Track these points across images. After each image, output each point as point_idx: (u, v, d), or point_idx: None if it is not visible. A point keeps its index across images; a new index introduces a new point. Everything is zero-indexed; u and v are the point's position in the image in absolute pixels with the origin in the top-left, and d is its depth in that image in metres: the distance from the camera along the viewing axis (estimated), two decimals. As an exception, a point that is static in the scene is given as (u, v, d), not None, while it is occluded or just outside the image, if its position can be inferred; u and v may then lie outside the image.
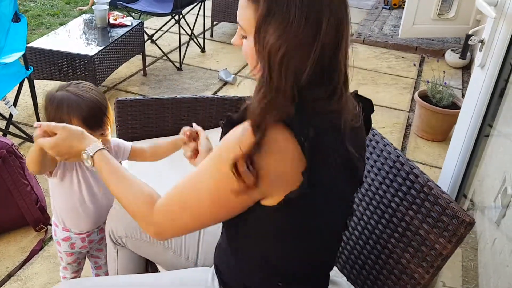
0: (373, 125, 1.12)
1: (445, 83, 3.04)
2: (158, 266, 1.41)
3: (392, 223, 1.25)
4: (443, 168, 1.82)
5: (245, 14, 0.87)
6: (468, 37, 2.04)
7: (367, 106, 1.05)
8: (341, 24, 0.85)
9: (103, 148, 1.10)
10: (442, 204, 1.12)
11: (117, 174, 1.05)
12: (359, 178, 1.03)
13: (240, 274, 1.08)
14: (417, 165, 1.24)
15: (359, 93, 1.05)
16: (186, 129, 1.30)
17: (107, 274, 1.59)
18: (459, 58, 3.93)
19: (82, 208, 1.43)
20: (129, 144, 1.48)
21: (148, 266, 1.45)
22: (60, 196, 1.43)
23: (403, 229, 1.21)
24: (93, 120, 1.31)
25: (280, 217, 0.92)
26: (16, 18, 2.46)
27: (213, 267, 1.19)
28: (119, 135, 1.91)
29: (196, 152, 1.30)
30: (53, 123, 1.14)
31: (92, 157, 1.08)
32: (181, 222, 0.95)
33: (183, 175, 0.96)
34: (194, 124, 1.33)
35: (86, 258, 1.65)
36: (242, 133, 0.85)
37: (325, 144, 0.87)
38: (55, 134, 1.12)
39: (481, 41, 1.44)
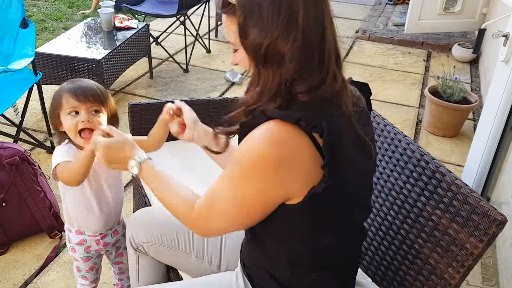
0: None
1: (456, 78, 3.01)
2: (180, 272, 1.40)
3: (418, 223, 1.23)
4: (465, 169, 1.79)
5: (230, 29, 0.93)
6: (481, 31, 2.02)
7: (364, 90, 1.08)
8: (321, 11, 0.89)
9: (150, 159, 1.15)
10: (471, 203, 1.09)
11: (163, 181, 1.11)
12: (373, 157, 1.04)
13: (268, 267, 1.08)
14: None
15: None
16: (167, 108, 1.31)
17: (129, 278, 1.57)
18: (472, 53, 3.91)
19: (94, 208, 1.43)
20: (128, 136, 1.46)
21: (170, 273, 1.44)
22: (73, 199, 1.42)
23: (431, 229, 1.19)
24: (82, 93, 1.32)
25: (306, 212, 0.93)
26: (24, 24, 2.45)
27: (237, 268, 1.18)
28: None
29: (183, 127, 1.31)
30: (113, 127, 1.23)
31: (140, 164, 1.13)
32: (214, 225, 1.01)
33: (195, 175, 0.98)
34: (176, 101, 1.34)
35: (111, 266, 1.63)
36: (263, 148, 0.87)
37: (337, 130, 0.89)
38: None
39: (505, 36, 1.41)
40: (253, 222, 0.98)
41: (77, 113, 1.31)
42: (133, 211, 1.55)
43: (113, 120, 1.41)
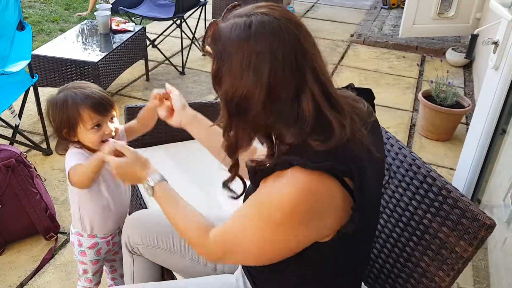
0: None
1: (449, 82, 3.04)
2: (175, 274, 1.41)
3: (410, 226, 1.25)
4: (456, 173, 1.82)
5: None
6: (474, 37, 2.05)
7: (367, 95, 1.11)
8: (296, 67, 0.87)
9: (163, 179, 1.16)
10: (461, 207, 1.12)
11: (176, 205, 1.12)
12: (385, 174, 1.09)
13: (277, 282, 1.08)
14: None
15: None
16: (155, 93, 1.32)
17: (122, 277, 1.59)
18: (465, 58, 3.94)
19: (110, 207, 1.45)
20: (121, 127, 1.49)
21: (164, 274, 1.45)
22: (91, 202, 1.43)
23: (422, 232, 1.21)
24: (102, 106, 1.32)
25: (332, 247, 0.95)
26: (21, 26, 2.46)
27: (236, 271, 1.20)
28: (129, 142, 1.91)
29: (171, 111, 1.32)
30: (125, 145, 1.24)
31: (152, 187, 1.15)
32: (230, 260, 1.04)
33: (191, 178, 1.00)
34: (167, 85, 1.35)
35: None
36: (295, 199, 0.87)
37: (363, 170, 0.90)
38: (122, 154, 1.21)
39: (495, 43, 1.44)
40: (272, 262, 0.98)
41: (98, 125, 1.32)
42: (129, 213, 1.56)
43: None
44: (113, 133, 1.36)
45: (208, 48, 0.92)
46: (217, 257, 1.02)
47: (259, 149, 1.16)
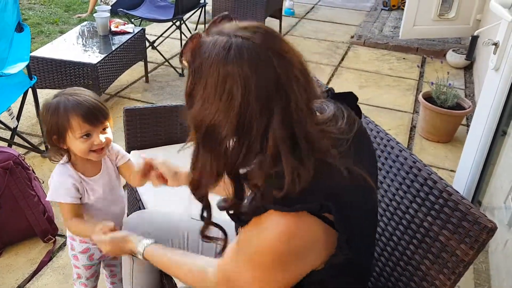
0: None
1: (450, 84, 3.03)
2: (173, 277, 1.40)
3: (410, 229, 1.24)
4: (457, 175, 1.81)
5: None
6: (474, 38, 2.03)
7: (349, 99, 1.04)
8: (267, 103, 0.81)
9: (148, 245, 1.21)
10: (462, 210, 1.10)
11: (169, 262, 1.16)
12: (377, 186, 1.06)
13: None
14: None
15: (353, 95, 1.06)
16: (135, 173, 1.34)
17: (121, 281, 1.58)
18: (465, 59, 3.93)
19: (100, 217, 1.41)
20: (127, 156, 1.48)
21: (163, 278, 1.44)
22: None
23: (422, 236, 1.20)
24: (93, 115, 1.29)
25: (328, 271, 0.94)
26: (20, 28, 2.45)
27: None
28: (128, 144, 1.90)
29: (162, 178, 1.32)
30: (99, 239, 1.27)
31: (143, 255, 1.21)
32: None
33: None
34: (142, 156, 1.34)
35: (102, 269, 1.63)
36: (277, 245, 0.86)
37: (344, 199, 0.88)
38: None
39: (495, 44, 1.43)
40: None
41: (88, 135, 1.30)
42: (127, 215, 1.55)
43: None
44: (104, 145, 1.33)
45: (185, 62, 0.87)
46: None
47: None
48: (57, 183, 1.36)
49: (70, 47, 3.24)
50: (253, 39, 0.82)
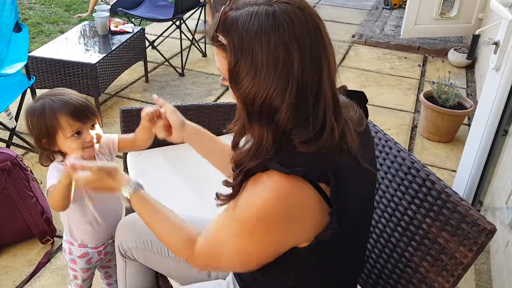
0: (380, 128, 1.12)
1: (451, 83, 3.01)
2: (169, 279, 1.38)
3: (409, 231, 1.22)
4: (458, 174, 1.79)
5: (220, 60, 0.87)
6: (475, 37, 2.01)
7: (360, 98, 1.05)
8: (319, 61, 0.83)
9: (138, 188, 1.11)
10: (461, 212, 1.09)
11: (156, 216, 1.08)
12: (376, 183, 1.05)
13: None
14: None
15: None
16: (144, 115, 1.25)
17: (117, 283, 1.57)
18: (467, 58, 3.90)
19: (99, 221, 1.42)
20: (115, 137, 1.45)
21: (159, 280, 1.42)
22: (78, 218, 1.41)
23: (421, 237, 1.18)
24: (81, 112, 1.27)
25: (315, 253, 0.92)
26: (18, 28, 2.44)
27: (228, 277, 1.18)
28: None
29: (169, 128, 1.25)
30: (84, 162, 1.14)
31: (129, 199, 1.10)
32: (215, 267, 1.04)
33: (188, 180, 0.96)
34: (154, 96, 1.29)
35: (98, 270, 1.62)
36: (268, 206, 0.85)
37: (344, 176, 0.87)
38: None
39: (496, 43, 1.41)
40: (258, 266, 0.95)
41: (78, 132, 1.28)
42: (125, 215, 1.54)
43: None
44: (95, 140, 1.31)
45: (221, 38, 0.83)
46: (202, 266, 1.01)
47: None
48: (53, 169, 1.32)
49: (69, 46, 3.23)
50: (293, 1, 0.83)
